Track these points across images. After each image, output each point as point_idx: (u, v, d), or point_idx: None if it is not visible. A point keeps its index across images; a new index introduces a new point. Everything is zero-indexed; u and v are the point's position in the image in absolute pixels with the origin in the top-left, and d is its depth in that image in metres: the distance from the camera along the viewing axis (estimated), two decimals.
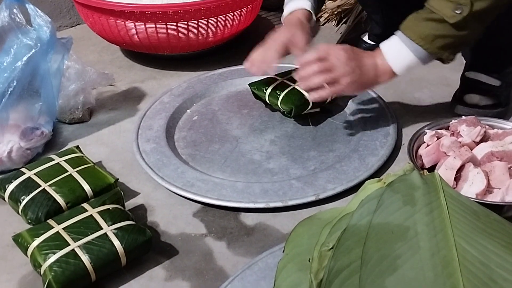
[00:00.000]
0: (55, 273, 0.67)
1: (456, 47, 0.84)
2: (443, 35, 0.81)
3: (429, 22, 0.81)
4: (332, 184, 0.84)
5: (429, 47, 0.82)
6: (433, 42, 0.81)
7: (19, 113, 0.93)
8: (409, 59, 0.84)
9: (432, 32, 0.81)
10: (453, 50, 0.84)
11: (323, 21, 1.45)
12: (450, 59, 0.85)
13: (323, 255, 0.53)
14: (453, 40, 0.82)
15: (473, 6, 0.77)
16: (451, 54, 0.84)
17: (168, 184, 0.85)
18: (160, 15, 1.12)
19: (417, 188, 0.54)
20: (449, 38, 0.81)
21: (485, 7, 0.78)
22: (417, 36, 0.82)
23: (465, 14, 0.77)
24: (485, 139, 0.84)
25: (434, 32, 0.81)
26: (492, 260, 0.47)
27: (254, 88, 1.04)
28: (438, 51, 0.82)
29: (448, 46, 0.82)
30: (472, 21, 0.79)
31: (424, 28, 0.81)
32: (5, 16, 0.91)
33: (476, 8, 0.77)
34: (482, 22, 0.81)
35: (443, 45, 0.82)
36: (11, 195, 0.81)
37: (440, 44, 0.82)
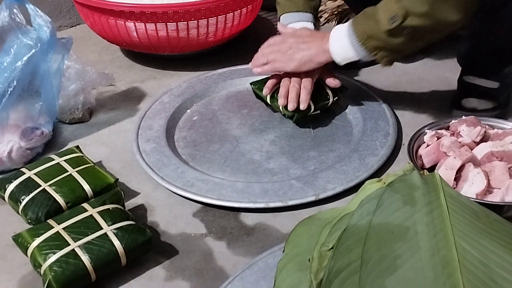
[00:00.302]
0: (55, 273, 0.67)
1: (389, 53, 0.85)
2: (376, 37, 0.84)
3: (370, 21, 0.84)
4: (332, 184, 0.84)
5: (364, 43, 0.85)
6: (367, 40, 0.85)
7: (19, 113, 0.93)
8: (346, 47, 0.87)
9: (368, 30, 0.84)
10: (386, 54, 0.86)
11: (323, 21, 1.45)
12: (385, 63, 0.87)
13: (323, 255, 0.53)
14: (384, 45, 0.84)
15: (404, 21, 0.79)
16: (385, 58, 0.86)
17: (168, 184, 0.86)
18: (160, 15, 1.12)
19: (417, 188, 0.54)
20: (380, 41, 0.84)
21: (416, 25, 0.79)
22: (358, 29, 0.85)
23: (394, 25, 0.80)
24: (485, 139, 0.84)
25: (370, 31, 0.84)
26: (492, 260, 0.47)
27: (256, 87, 1.03)
28: (371, 50, 0.85)
29: (380, 48, 0.85)
30: (403, 34, 0.81)
31: (363, 25, 0.85)
32: (5, 16, 0.91)
33: (408, 24, 0.79)
34: (415, 38, 0.82)
35: (375, 46, 0.85)
36: (11, 195, 0.81)
37: (374, 45, 0.85)
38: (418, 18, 0.79)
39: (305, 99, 0.94)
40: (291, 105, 0.94)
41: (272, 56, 0.95)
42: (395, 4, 0.80)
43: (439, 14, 0.78)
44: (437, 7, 0.77)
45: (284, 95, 0.95)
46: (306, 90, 0.94)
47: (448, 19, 0.78)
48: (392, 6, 0.80)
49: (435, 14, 0.78)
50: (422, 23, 0.79)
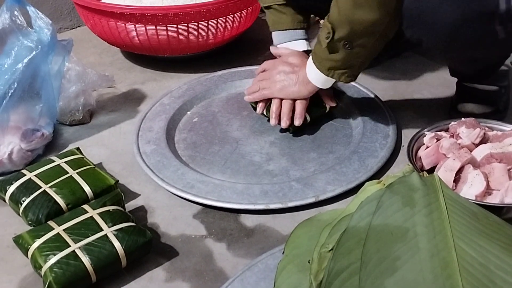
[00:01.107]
0: (55, 274, 0.67)
1: (343, 71, 0.85)
2: (324, 58, 0.85)
3: (317, 45, 0.85)
4: (332, 185, 0.84)
5: (320, 67, 0.87)
6: (322, 63, 0.86)
7: (19, 115, 0.93)
8: (318, 75, 0.88)
9: (319, 54, 0.86)
10: (341, 72, 0.86)
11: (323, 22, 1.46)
12: (345, 81, 0.87)
13: (323, 256, 0.53)
14: (335, 64, 0.85)
15: (334, 34, 0.81)
16: (342, 76, 0.86)
17: (168, 185, 0.86)
18: (161, 17, 1.12)
19: (416, 189, 0.55)
20: (329, 61, 0.85)
21: (347, 34, 0.80)
22: (314, 56, 0.87)
23: (328, 41, 0.81)
24: (484, 141, 0.84)
25: (320, 54, 0.85)
26: (491, 262, 0.47)
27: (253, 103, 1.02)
28: (328, 72, 0.86)
29: (333, 68, 0.85)
30: (339, 48, 0.82)
31: (316, 50, 0.86)
32: (6, 18, 0.92)
33: (338, 36, 0.80)
34: (352, 49, 0.82)
35: (329, 67, 0.86)
36: (11, 196, 0.82)
37: (327, 66, 0.86)
38: (342, 28, 0.80)
39: (300, 114, 0.94)
40: (284, 123, 0.94)
41: (262, 84, 0.97)
42: (327, 22, 0.82)
43: (357, 17, 0.78)
44: (352, 13, 0.78)
45: (276, 112, 0.95)
46: (302, 105, 0.94)
47: (368, 19, 0.78)
48: (325, 24, 0.82)
49: (353, 19, 0.78)
50: (349, 31, 0.79)
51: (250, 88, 1.00)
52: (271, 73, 0.96)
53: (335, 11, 0.80)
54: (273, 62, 0.99)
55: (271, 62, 0.99)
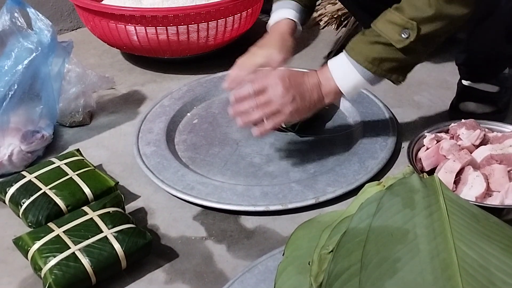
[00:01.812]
0: (55, 276, 0.67)
1: (404, 69, 0.82)
2: (390, 59, 0.79)
3: (376, 45, 0.78)
4: (332, 187, 0.84)
5: (377, 70, 0.80)
6: (380, 65, 0.79)
7: (19, 117, 0.93)
8: (356, 80, 0.81)
9: (378, 55, 0.78)
10: (402, 71, 0.81)
11: (323, 24, 1.46)
12: (400, 81, 0.82)
13: (323, 258, 0.53)
14: (400, 64, 0.80)
15: (420, 31, 0.75)
16: (400, 75, 0.82)
17: (168, 187, 0.86)
18: (161, 19, 1.12)
19: (416, 191, 0.55)
20: (396, 61, 0.79)
21: (433, 30, 0.76)
22: (364, 59, 0.79)
23: (412, 39, 0.75)
24: (484, 142, 0.84)
25: (381, 55, 0.78)
26: (492, 263, 0.47)
27: None
28: (385, 74, 0.80)
29: (395, 68, 0.80)
30: (420, 45, 0.77)
31: (371, 51, 0.79)
32: (6, 20, 0.92)
33: (423, 32, 0.75)
34: (429, 45, 0.79)
35: (390, 68, 0.80)
36: (11, 198, 0.82)
37: (387, 67, 0.79)
38: (430, 24, 0.75)
39: None
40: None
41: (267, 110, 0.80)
42: (399, 20, 0.76)
43: (449, 12, 0.75)
44: (444, 8, 0.75)
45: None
46: None
47: (458, 14, 0.75)
48: (397, 22, 0.76)
49: (445, 13, 0.75)
50: (436, 27, 0.75)
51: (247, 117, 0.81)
52: (271, 97, 0.80)
53: (421, 5, 0.74)
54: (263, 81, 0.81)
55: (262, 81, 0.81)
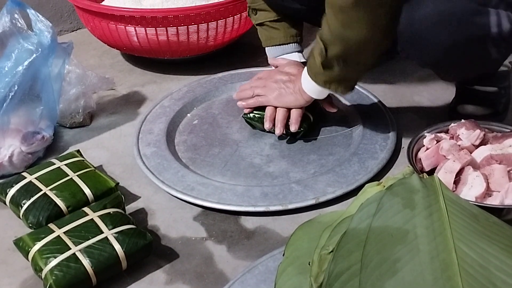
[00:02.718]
0: (56, 277, 0.67)
1: (338, 83, 0.85)
2: (319, 72, 0.84)
3: (311, 59, 0.85)
4: (332, 187, 0.84)
5: (316, 80, 0.86)
6: (317, 77, 0.85)
7: (20, 118, 0.93)
8: (314, 86, 0.87)
9: (313, 68, 0.85)
10: (337, 85, 0.85)
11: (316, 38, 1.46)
12: (342, 92, 0.86)
13: (323, 258, 0.53)
14: (330, 78, 0.84)
15: (327, 52, 0.80)
16: (339, 88, 0.86)
17: (168, 188, 0.86)
18: (161, 20, 1.12)
19: (416, 191, 0.55)
20: (325, 75, 0.84)
21: (338, 51, 0.79)
22: (309, 69, 0.87)
23: (322, 58, 0.81)
24: (484, 142, 0.84)
25: (314, 68, 0.85)
26: (492, 263, 0.47)
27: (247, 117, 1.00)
28: (324, 84, 0.86)
29: (329, 82, 0.85)
30: (335, 63, 0.81)
31: (311, 64, 0.86)
32: (6, 21, 0.92)
33: (332, 52, 0.80)
34: (349, 64, 0.82)
35: (325, 80, 0.85)
36: (12, 199, 0.82)
37: (322, 79, 0.85)
38: (334, 46, 0.79)
39: (295, 120, 0.93)
40: (278, 130, 0.93)
41: (258, 90, 0.96)
42: (318, 40, 0.82)
43: (348, 36, 0.78)
44: (342, 32, 0.77)
45: (270, 118, 0.94)
46: (297, 112, 0.93)
47: (359, 38, 0.77)
48: (317, 41, 0.82)
49: (344, 37, 0.78)
50: (341, 49, 0.79)
51: (242, 93, 0.98)
52: (266, 81, 0.96)
53: (325, 29, 0.80)
54: (269, 72, 0.99)
55: (267, 72, 0.99)
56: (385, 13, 0.77)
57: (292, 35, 1.03)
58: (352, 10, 0.75)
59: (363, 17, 0.76)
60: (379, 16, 0.77)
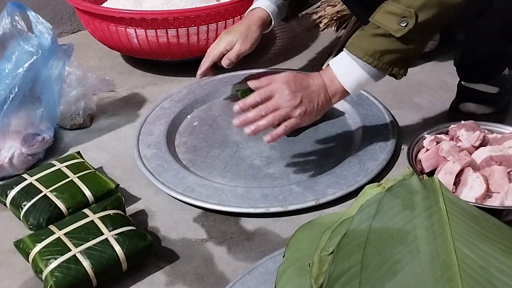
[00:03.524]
0: (56, 279, 0.67)
1: (405, 61, 0.80)
2: (390, 50, 0.78)
3: (375, 38, 0.78)
4: (332, 189, 0.84)
5: (378, 63, 0.79)
6: (381, 58, 0.78)
7: (20, 119, 0.93)
8: (358, 76, 0.80)
9: (379, 48, 0.78)
10: (403, 64, 0.80)
11: (323, 26, 1.46)
12: (402, 74, 0.81)
13: (323, 259, 0.53)
14: (401, 55, 0.79)
15: (418, 18, 0.75)
16: (402, 69, 0.80)
17: (168, 189, 0.86)
18: (161, 22, 1.12)
19: (416, 192, 0.55)
20: (396, 52, 0.78)
21: (430, 17, 0.75)
22: (364, 53, 0.78)
23: (410, 26, 0.75)
24: (484, 144, 0.84)
25: (381, 47, 0.78)
26: (492, 264, 0.47)
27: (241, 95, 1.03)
28: (387, 67, 0.79)
29: (397, 60, 0.79)
30: (419, 33, 0.77)
31: (371, 45, 0.78)
32: (6, 23, 0.92)
33: (421, 20, 0.75)
34: (428, 33, 0.79)
35: (391, 60, 0.79)
36: (12, 201, 0.82)
37: (389, 60, 0.78)
38: (427, 10, 0.74)
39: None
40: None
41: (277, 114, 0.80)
42: (397, 9, 0.76)
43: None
44: None
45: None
46: None
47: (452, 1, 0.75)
48: (395, 12, 0.76)
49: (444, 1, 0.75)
50: (433, 13, 0.75)
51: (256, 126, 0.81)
52: (278, 102, 0.79)
53: None
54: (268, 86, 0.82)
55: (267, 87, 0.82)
56: None
57: None
58: None
59: None
60: None
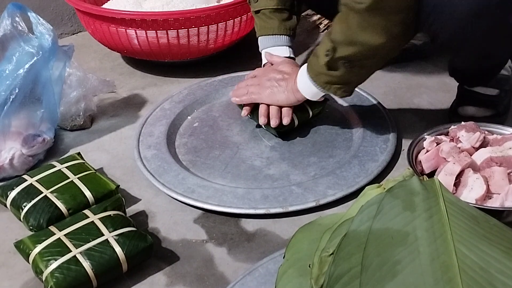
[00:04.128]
0: (56, 280, 0.67)
1: (340, 86, 0.85)
2: (321, 72, 0.85)
3: (314, 58, 0.85)
4: (332, 190, 0.84)
5: (316, 80, 0.86)
6: (318, 77, 0.86)
7: (21, 120, 0.93)
8: (310, 87, 0.88)
9: (315, 67, 0.85)
10: (337, 87, 0.86)
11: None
12: (341, 95, 0.87)
13: (324, 260, 0.53)
14: (332, 79, 0.84)
15: (336, 52, 0.80)
16: (338, 91, 0.86)
17: (169, 190, 0.86)
18: (161, 23, 1.12)
19: (416, 193, 0.55)
20: (327, 76, 0.84)
21: (349, 54, 0.80)
22: (310, 69, 0.87)
23: (328, 58, 0.81)
24: (484, 145, 0.84)
25: (317, 68, 0.85)
26: (492, 265, 0.47)
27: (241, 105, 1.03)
28: (324, 86, 0.86)
29: (330, 83, 0.85)
30: (340, 65, 0.82)
31: (314, 64, 0.86)
32: (7, 24, 0.92)
33: (339, 55, 0.80)
34: (355, 67, 0.82)
35: (326, 81, 0.85)
36: (13, 201, 0.82)
37: (323, 80, 0.85)
38: (344, 47, 0.79)
39: (287, 113, 0.94)
40: (273, 121, 0.94)
41: (252, 88, 0.97)
42: (326, 39, 0.82)
43: (361, 40, 0.78)
44: (355, 35, 0.78)
45: (264, 113, 0.95)
46: (289, 107, 0.94)
47: (371, 43, 0.78)
48: (325, 41, 0.82)
49: (357, 41, 0.78)
50: (351, 52, 0.79)
51: (237, 91, 1.00)
52: (261, 79, 0.97)
53: (338, 30, 0.80)
54: (264, 69, 1.01)
55: (262, 70, 1.01)
56: (400, 22, 0.77)
57: (286, 28, 1.03)
58: (367, 14, 0.75)
59: (378, 22, 0.76)
60: (394, 24, 0.77)
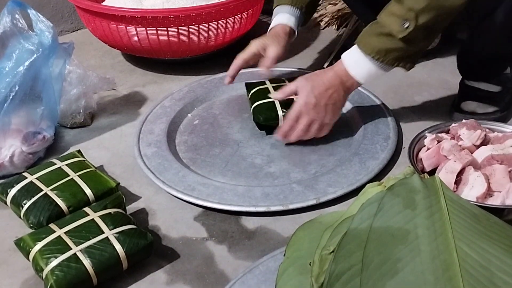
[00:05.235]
0: (57, 277, 0.67)
1: (410, 58, 0.86)
2: (394, 49, 0.84)
3: (380, 37, 0.84)
4: (333, 187, 0.84)
5: (384, 59, 0.85)
6: (387, 55, 0.85)
7: (21, 118, 0.93)
8: (369, 69, 0.87)
9: (383, 46, 0.84)
10: (408, 60, 0.86)
11: (324, 25, 1.46)
12: (408, 68, 0.87)
13: (324, 258, 0.53)
14: (404, 53, 0.84)
15: (418, 20, 0.80)
16: (408, 64, 0.86)
17: (169, 188, 0.86)
18: (161, 20, 1.12)
19: (417, 191, 0.55)
20: (400, 51, 0.84)
21: (430, 19, 0.80)
22: (371, 50, 0.85)
23: (411, 28, 0.80)
24: (485, 143, 0.84)
25: (386, 46, 0.84)
26: (493, 263, 0.47)
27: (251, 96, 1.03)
28: (393, 62, 0.86)
29: (401, 58, 0.85)
30: (420, 34, 0.82)
31: (377, 43, 0.84)
32: (7, 21, 0.92)
33: (421, 22, 0.80)
34: (429, 34, 0.83)
35: (395, 57, 0.85)
36: (13, 199, 0.82)
37: (393, 57, 0.85)
38: (427, 13, 0.79)
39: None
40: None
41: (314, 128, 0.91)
42: (399, 11, 0.81)
43: (443, 3, 0.79)
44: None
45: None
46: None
47: (455, 3, 0.79)
48: (397, 14, 0.81)
49: (442, 4, 0.79)
50: (433, 16, 0.80)
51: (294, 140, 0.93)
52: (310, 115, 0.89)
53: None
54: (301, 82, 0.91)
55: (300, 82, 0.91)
56: None
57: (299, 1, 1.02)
58: None
59: None
60: None
